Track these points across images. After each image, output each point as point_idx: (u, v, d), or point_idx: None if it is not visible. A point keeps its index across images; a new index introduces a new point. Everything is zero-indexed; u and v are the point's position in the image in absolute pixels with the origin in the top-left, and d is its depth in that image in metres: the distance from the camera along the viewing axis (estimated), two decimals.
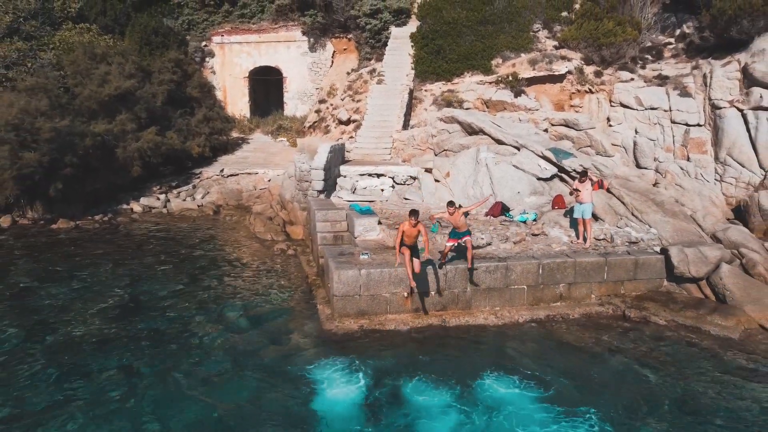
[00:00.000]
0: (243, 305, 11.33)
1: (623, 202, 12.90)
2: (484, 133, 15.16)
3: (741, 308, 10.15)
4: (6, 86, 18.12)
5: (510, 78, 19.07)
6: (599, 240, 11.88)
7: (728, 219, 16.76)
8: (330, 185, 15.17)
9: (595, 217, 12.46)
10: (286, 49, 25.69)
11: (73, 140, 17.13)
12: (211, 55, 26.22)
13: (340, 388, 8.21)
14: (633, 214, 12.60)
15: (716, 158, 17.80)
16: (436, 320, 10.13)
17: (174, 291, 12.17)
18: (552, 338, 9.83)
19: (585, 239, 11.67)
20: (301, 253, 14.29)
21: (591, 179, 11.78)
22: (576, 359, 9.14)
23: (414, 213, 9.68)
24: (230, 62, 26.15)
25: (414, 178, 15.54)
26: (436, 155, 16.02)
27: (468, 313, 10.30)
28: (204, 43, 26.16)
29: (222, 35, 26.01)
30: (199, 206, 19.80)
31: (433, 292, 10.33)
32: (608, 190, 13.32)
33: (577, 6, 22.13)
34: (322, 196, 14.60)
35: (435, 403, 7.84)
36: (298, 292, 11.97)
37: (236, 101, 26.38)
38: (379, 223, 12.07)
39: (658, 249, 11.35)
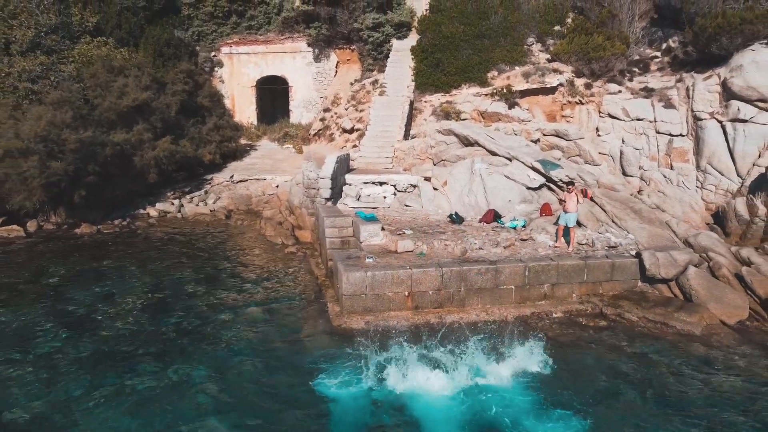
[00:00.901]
0: (260, 303, 12.66)
1: (604, 210, 14.26)
2: (479, 145, 16.53)
3: (705, 306, 11.49)
4: (32, 99, 19.46)
5: (504, 90, 20.43)
6: (582, 244, 13.23)
7: (708, 224, 18.18)
8: (336, 193, 16.50)
9: (579, 223, 13.81)
10: (292, 60, 27.06)
11: (95, 150, 18.46)
12: (220, 65, 27.58)
13: (348, 377, 9.49)
14: (613, 221, 13.96)
15: (697, 167, 19.18)
16: (434, 317, 11.47)
17: (195, 290, 13.49)
18: (538, 333, 11.14)
19: (568, 243, 13.03)
20: (310, 256, 15.64)
21: (576, 193, 13.10)
22: (557, 351, 10.43)
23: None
24: (238, 72, 27.51)
25: (414, 186, 16.87)
26: (434, 165, 17.39)
27: (462, 311, 11.65)
28: (213, 54, 27.52)
29: (230, 46, 27.38)
30: (211, 211, 21.15)
31: (431, 292, 11.66)
32: (591, 199, 14.67)
33: (569, 20, 23.48)
34: (329, 203, 15.93)
35: (432, 390, 9.13)
36: (309, 291, 13.31)
37: (244, 109, 27.74)
38: (383, 229, 13.40)
39: (633, 253, 12.69)
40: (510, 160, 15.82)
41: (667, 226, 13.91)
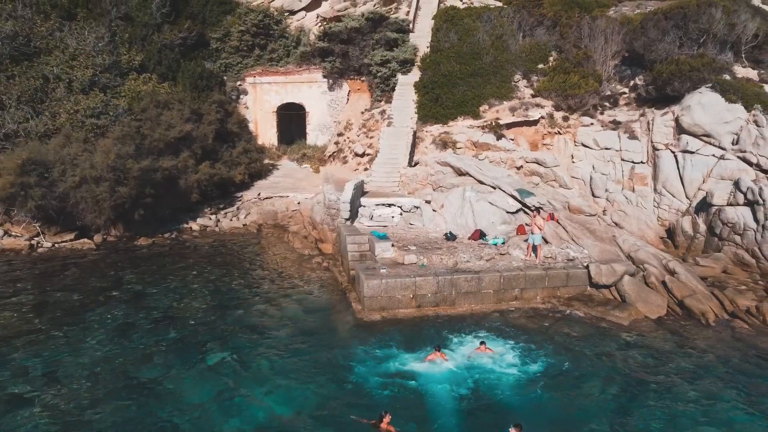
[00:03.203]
0: (298, 302, 16.96)
1: (566, 230, 18.57)
2: (470, 175, 20.86)
3: (634, 305, 15.81)
4: (96, 133, 23.83)
5: (493, 124, 24.77)
6: (547, 258, 17.55)
7: (662, 237, 22.59)
8: (354, 213, 20.82)
9: (546, 240, 18.15)
10: (309, 89, 31.44)
11: (151, 175, 22.83)
12: (245, 93, 31.96)
13: (370, 355, 13.77)
14: (572, 239, 18.28)
15: (654, 189, 23.55)
16: (431, 313, 15.80)
17: (244, 293, 17.80)
18: (510, 323, 15.44)
19: (536, 257, 17.35)
20: (333, 265, 19.98)
21: (542, 216, 17.43)
22: (524, 335, 14.70)
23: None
24: (261, 99, 31.89)
25: (417, 208, 21.18)
26: (434, 190, 21.71)
27: (453, 309, 15.96)
28: (239, 83, 31.90)
29: (254, 76, 31.76)
30: (244, 225, 25.50)
31: (429, 294, 15.98)
32: (557, 221, 18.98)
33: (552, 58, 27.81)
34: (348, 222, 20.27)
35: (433, 363, 13.39)
36: (335, 294, 17.65)
37: (266, 132, 32.12)
38: (392, 245, 17.73)
39: (585, 265, 17.01)
40: (494, 188, 20.17)
41: (615, 243, 18.23)
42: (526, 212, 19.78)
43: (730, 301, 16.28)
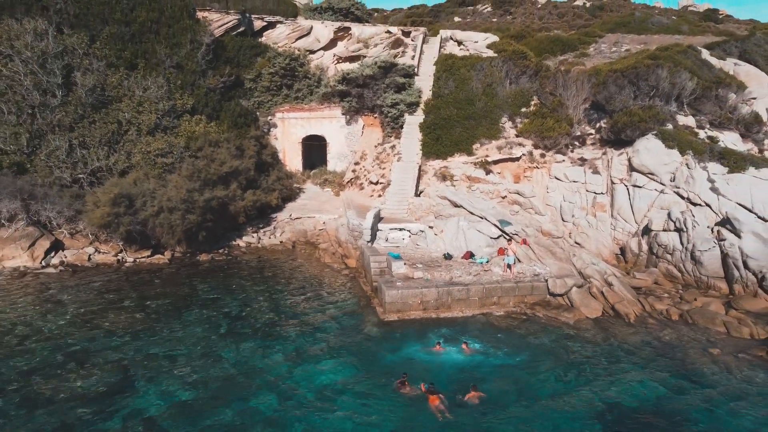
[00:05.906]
0: (334, 306, 23.88)
1: (534, 252, 25.55)
2: (463, 207, 27.82)
3: (579, 309, 22.78)
4: (165, 169, 30.74)
5: (482, 161, 31.73)
6: (519, 273, 24.51)
7: (616, 254, 29.57)
8: (373, 236, 27.78)
9: (519, 260, 25.15)
10: (329, 123, 38.37)
11: (210, 204, 29.80)
12: (275, 126, 38.91)
13: (389, 344, 20.67)
14: (538, 259, 25.26)
15: (611, 215, 30.51)
16: (433, 314, 22.75)
17: (293, 298, 24.73)
18: (489, 322, 22.39)
19: (511, 273, 24.32)
20: (358, 277, 26.93)
21: (516, 241, 24.37)
22: (499, 330, 21.64)
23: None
24: (288, 132, 38.83)
25: (422, 232, 28.12)
26: (435, 218, 28.67)
27: (449, 311, 22.91)
28: (269, 118, 38.84)
29: (282, 112, 38.70)
30: (281, 242, 32.46)
31: (432, 300, 22.92)
32: (528, 245, 25.97)
33: (533, 103, 34.74)
34: (369, 244, 27.23)
35: (436, 350, 20.32)
36: (362, 300, 24.59)
37: (292, 159, 39.09)
38: (405, 264, 24.68)
39: (546, 279, 23.97)
40: (481, 218, 27.13)
41: (571, 262, 25.21)
42: (505, 238, 26.77)
43: (651, 305, 23.27)
